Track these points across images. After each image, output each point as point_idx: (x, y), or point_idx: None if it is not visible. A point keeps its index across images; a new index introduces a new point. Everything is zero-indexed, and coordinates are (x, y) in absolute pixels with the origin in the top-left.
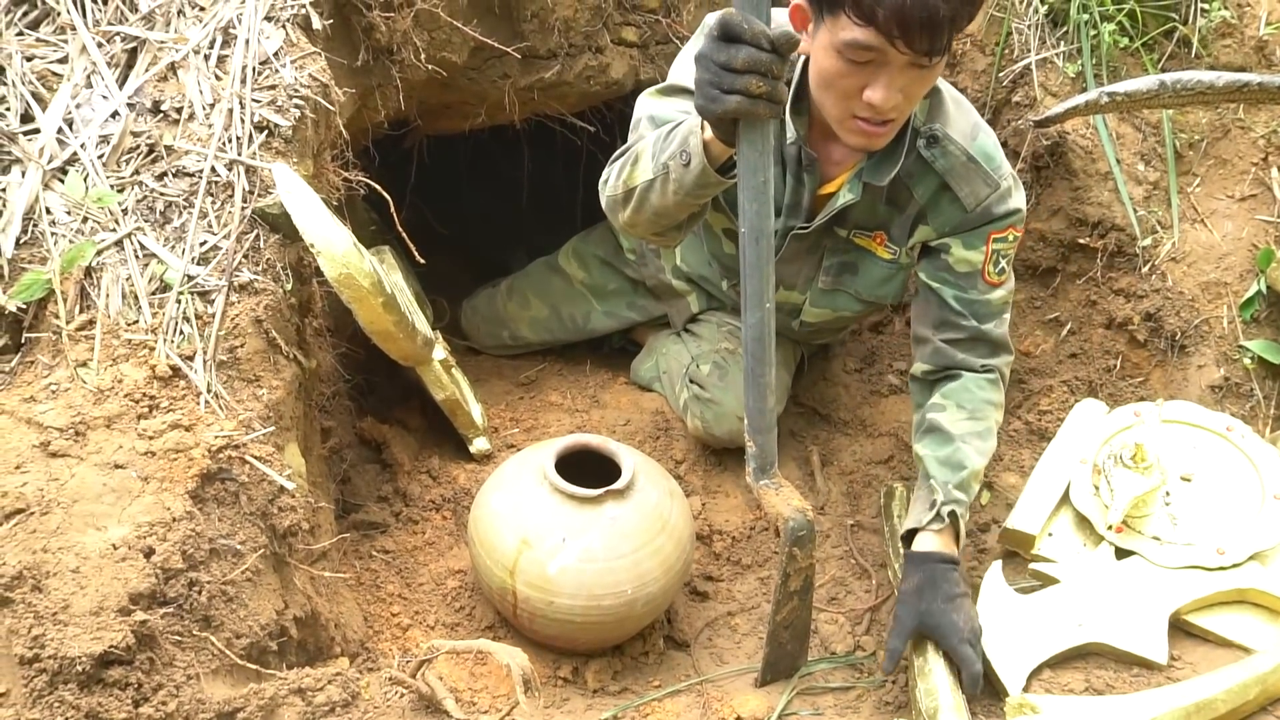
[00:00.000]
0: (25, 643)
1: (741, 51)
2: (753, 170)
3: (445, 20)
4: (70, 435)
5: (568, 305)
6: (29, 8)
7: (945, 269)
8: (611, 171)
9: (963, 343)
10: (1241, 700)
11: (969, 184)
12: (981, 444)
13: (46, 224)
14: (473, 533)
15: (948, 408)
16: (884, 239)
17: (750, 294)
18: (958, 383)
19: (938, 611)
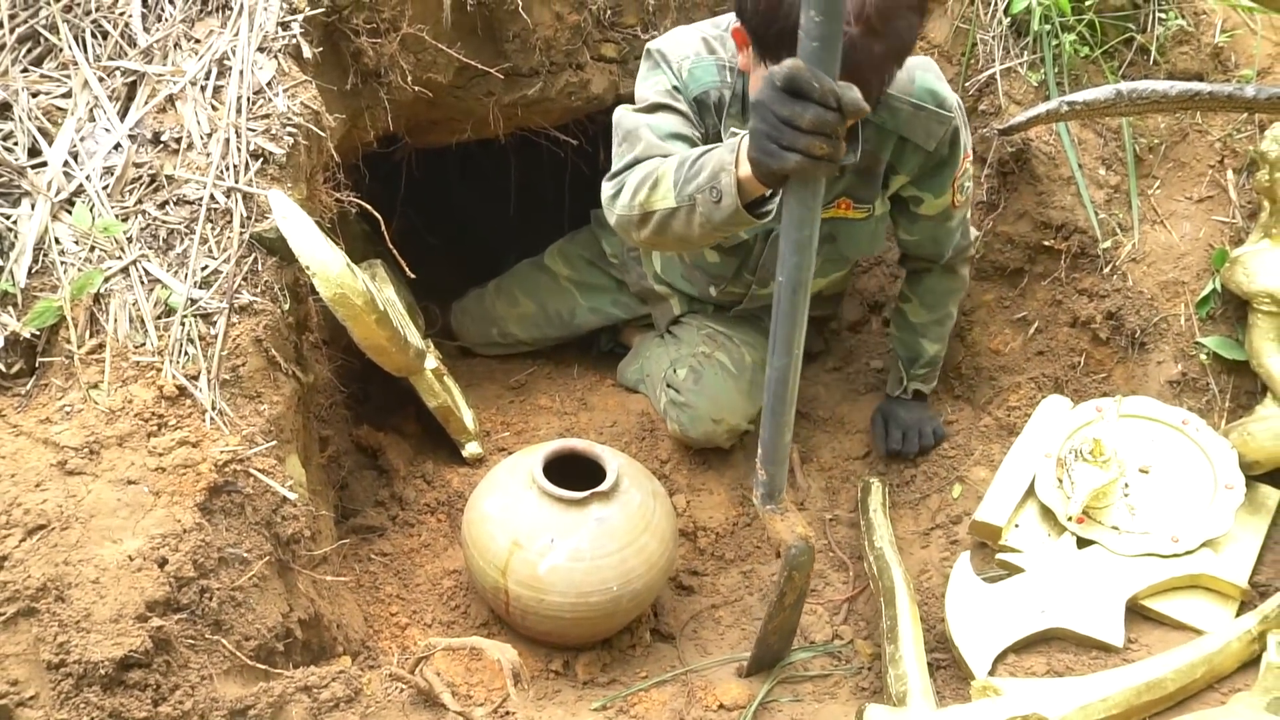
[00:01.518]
0: (51, 649)
1: (809, 111)
2: (799, 224)
3: (430, 43)
4: (85, 454)
5: (554, 301)
6: (33, 44)
7: (918, 219)
8: (623, 188)
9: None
10: (1189, 679)
11: (924, 128)
12: (938, 330)
13: (56, 254)
14: (466, 535)
15: (912, 301)
16: (849, 204)
17: (780, 340)
18: (924, 279)
19: (894, 406)
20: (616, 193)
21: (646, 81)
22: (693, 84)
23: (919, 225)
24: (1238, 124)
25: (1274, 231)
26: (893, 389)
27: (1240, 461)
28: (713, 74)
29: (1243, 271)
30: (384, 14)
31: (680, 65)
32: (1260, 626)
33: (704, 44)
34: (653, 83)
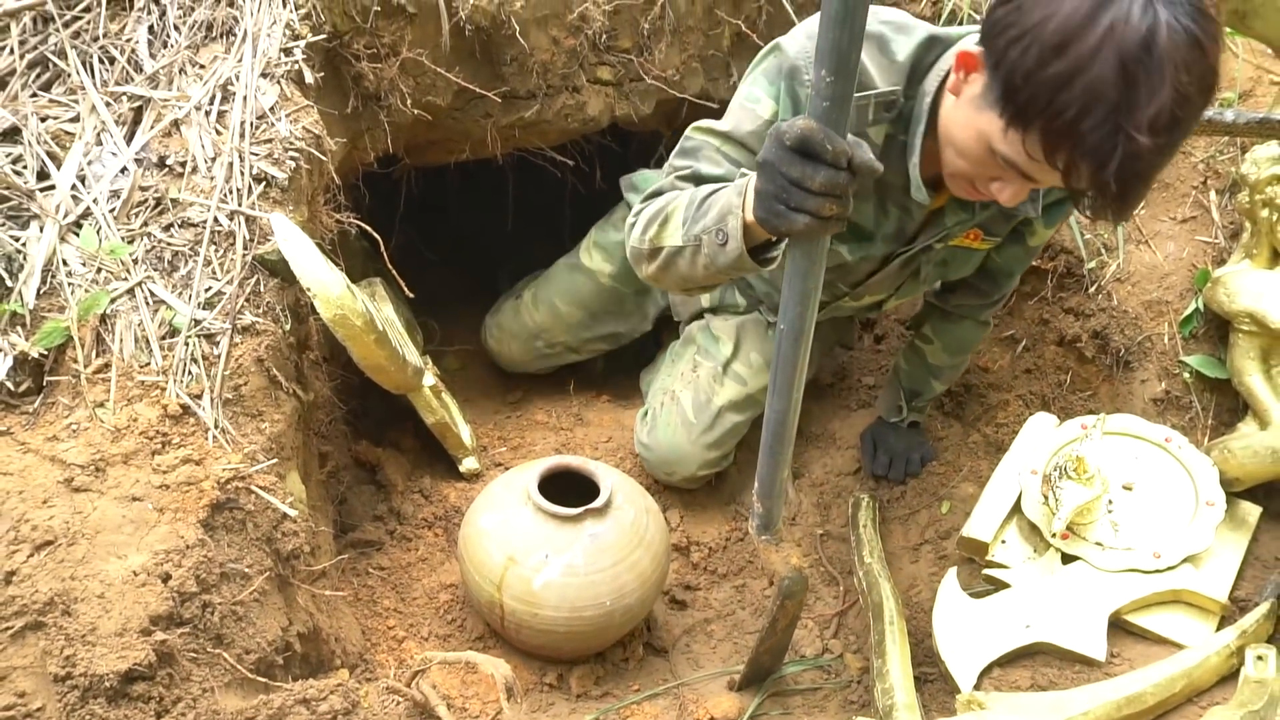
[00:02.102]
0: (58, 662)
1: (820, 173)
2: (802, 276)
3: (430, 67)
4: (91, 471)
5: (600, 305)
6: (42, 70)
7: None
8: (640, 219)
9: (980, 306)
10: (1169, 693)
11: None
12: (953, 373)
13: (64, 275)
14: (462, 550)
15: (934, 344)
16: (979, 234)
17: (780, 384)
18: (957, 327)
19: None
20: (635, 224)
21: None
22: None
23: (1013, 251)
24: (1220, 146)
25: (1255, 253)
26: (888, 414)
27: (1221, 478)
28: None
29: (1224, 292)
30: (384, 39)
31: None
32: (1238, 641)
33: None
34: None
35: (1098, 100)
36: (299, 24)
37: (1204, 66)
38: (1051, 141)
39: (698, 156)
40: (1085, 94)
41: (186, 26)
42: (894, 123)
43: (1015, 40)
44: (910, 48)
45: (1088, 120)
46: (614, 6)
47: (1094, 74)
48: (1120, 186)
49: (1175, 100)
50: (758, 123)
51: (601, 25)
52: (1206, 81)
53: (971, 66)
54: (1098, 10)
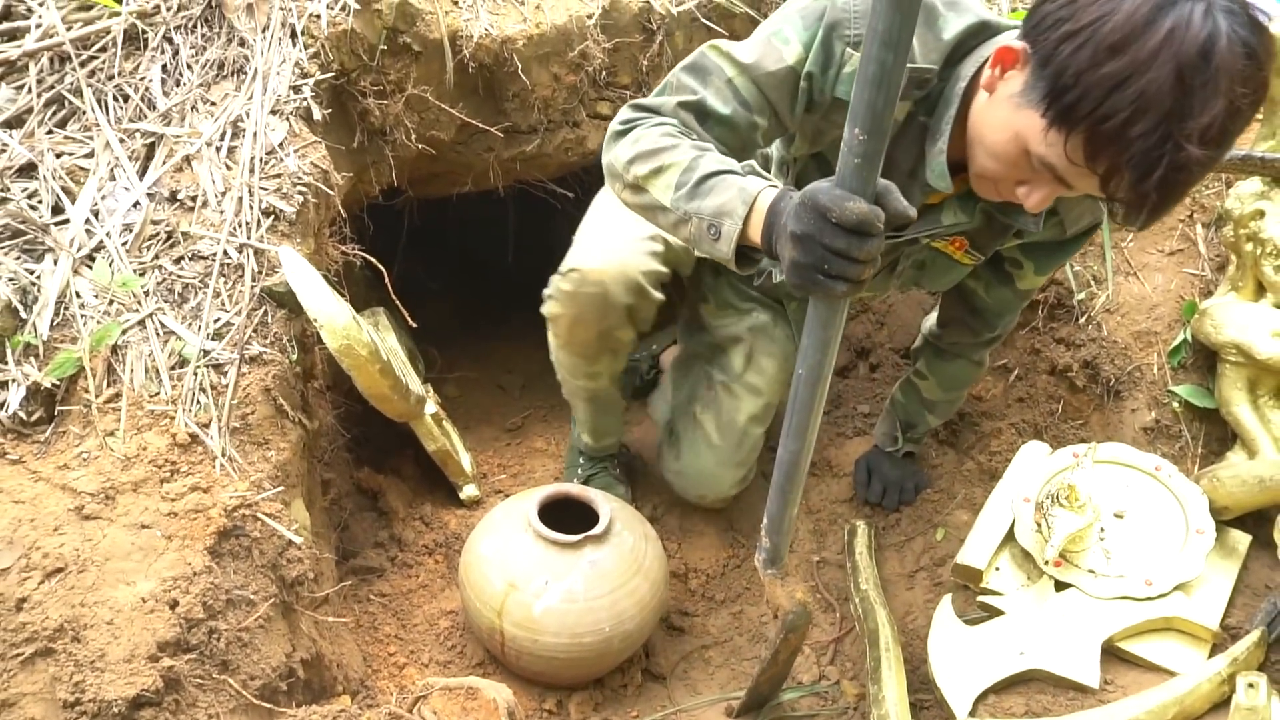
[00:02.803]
0: (67, 688)
1: (868, 243)
2: (824, 325)
3: (434, 103)
4: (101, 499)
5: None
6: (58, 108)
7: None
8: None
9: (973, 345)
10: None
11: (1078, 208)
12: (948, 408)
13: (77, 307)
14: (463, 577)
15: (929, 380)
16: (965, 245)
17: (795, 426)
18: (949, 365)
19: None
20: (627, 130)
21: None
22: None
23: (1000, 293)
24: (1206, 180)
25: (1240, 285)
26: (884, 444)
27: (1210, 507)
28: None
29: (1211, 323)
30: (390, 76)
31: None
32: (1230, 669)
33: None
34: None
35: (1151, 106)
36: (308, 63)
37: (1258, 80)
38: (1097, 145)
39: (707, 82)
40: (1139, 98)
41: (199, 65)
42: (919, 102)
43: (1069, 36)
44: (959, 28)
45: (1138, 125)
46: (614, 44)
47: (1150, 78)
48: (1160, 196)
49: (1228, 112)
50: (780, 65)
51: (601, 62)
52: (1258, 95)
53: (1011, 63)
54: (1158, 13)
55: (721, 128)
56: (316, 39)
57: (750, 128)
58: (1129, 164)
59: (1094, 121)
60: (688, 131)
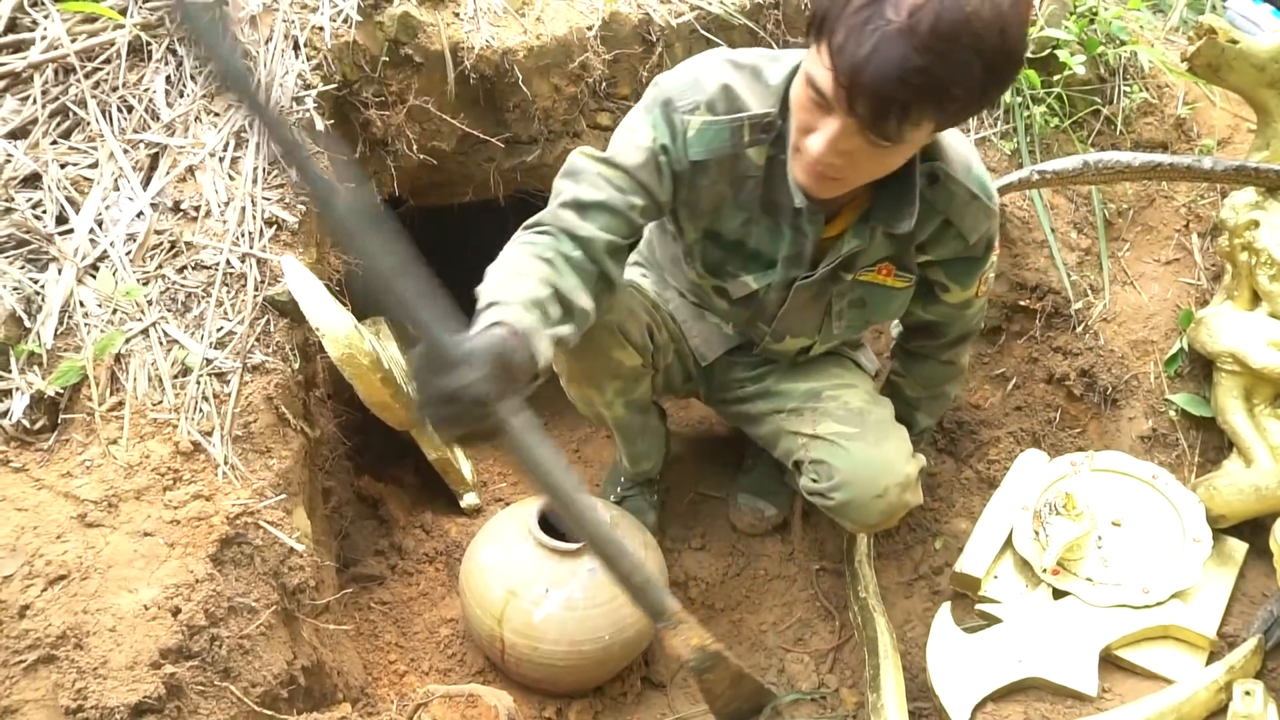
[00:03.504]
0: (70, 695)
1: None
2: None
3: (435, 114)
4: (104, 507)
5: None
6: (63, 118)
7: (939, 303)
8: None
9: (937, 348)
10: None
11: (972, 218)
12: (933, 404)
13: (80, 316)
14: (464, 584)
15: (907, 378)
16: (891, 270)
17: (576, 531)
18: (920, 366)
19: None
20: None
21: (635, 126)
22: (695, 146)
23: (938, 308)
24: (1202, 190)
25: (1236, 294)
26: None
27: (1207, 515)
28: (724, 138)
29: (1206, 332)
30: (392, 88)
31: (687, 122)
32: (1227, 677)
33: (724, 94)
34: (639, 133)
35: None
36: (310, 74)
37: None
38: (829, 29)
39: (579, 180)
40: None
41: (202, 76)
42: (774, 144)
43: None
44: (784, 73)
45: (849, 9)
46: (614, 55)
47: None
48: (875, 82)
49: (942, 2)
50: (637, 149)
51: (602, 73)
52: (990, 15)
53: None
54: None
55: (601, 214)
56: (319, 50)
57: (628, 208)
58: (846, 32)
59: (831, 14)
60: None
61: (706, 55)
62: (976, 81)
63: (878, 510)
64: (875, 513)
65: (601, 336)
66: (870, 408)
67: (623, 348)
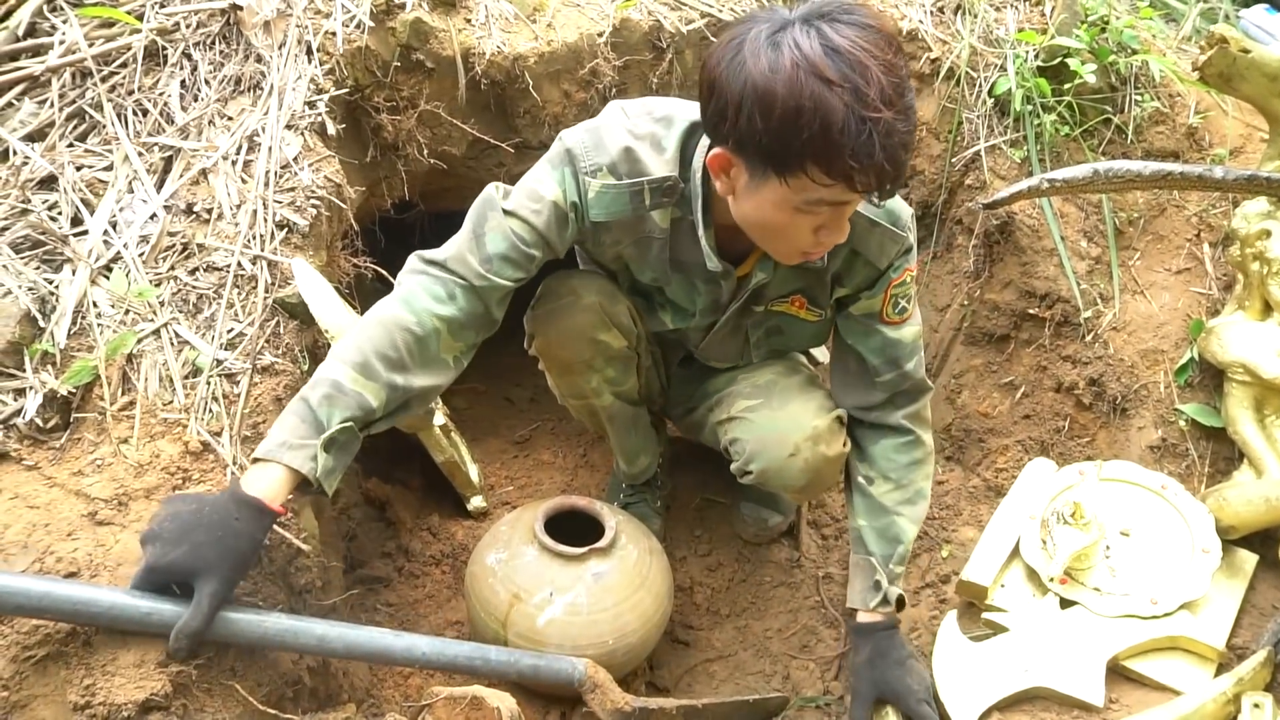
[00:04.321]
0: (78, 691)
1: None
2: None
3: (446, 119)
4: (114, 505)
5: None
6: (79, 121)
7: (850, 319)
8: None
9: (882, 406)
10: None
11: (877, 244)
12: (913, 510)
13: (93, 316)
14: (469, 587)
15: (875, 480)
16: (803, 303)
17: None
18: (878, 450)
19: (893, 678)
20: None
21: (541, 179)
22: (595, 208)
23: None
24: (1213, 200)
25: (1247, 304)
26: (865, 601)
27: (1216, 526)
28: (623, 203)
29: (1217, 342)
30: (403, 92)
31: (587, 184)
32: (1235, 689)
33: (625, 156)
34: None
35: (829, 110)
36: (323, 78)
37: (878, 36)
38: (825, 162)
39: (485, 228)
40: (815, 111)
41: (216, 81)
42: (679, 204)
43: (734, 120)
44: (676, 138)
45: (834, 129)
46: (624, 62)
47: (808, 95)
48: (891, 162)
49: (885, 71)
50: (540, 202)
51: (611, 80)
52: (893, 46)
53: (725, 165)
54: (774, 52)
55: (502, 263)
56: (332, 55)
57: (526, 259)
58: (853, 156)
59: (810, 152)
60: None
61: (608, 114)
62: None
63: (797, 470)
64: (796, 473)
65: (586, 319)
66: (778, 378)
67: (608, 329)
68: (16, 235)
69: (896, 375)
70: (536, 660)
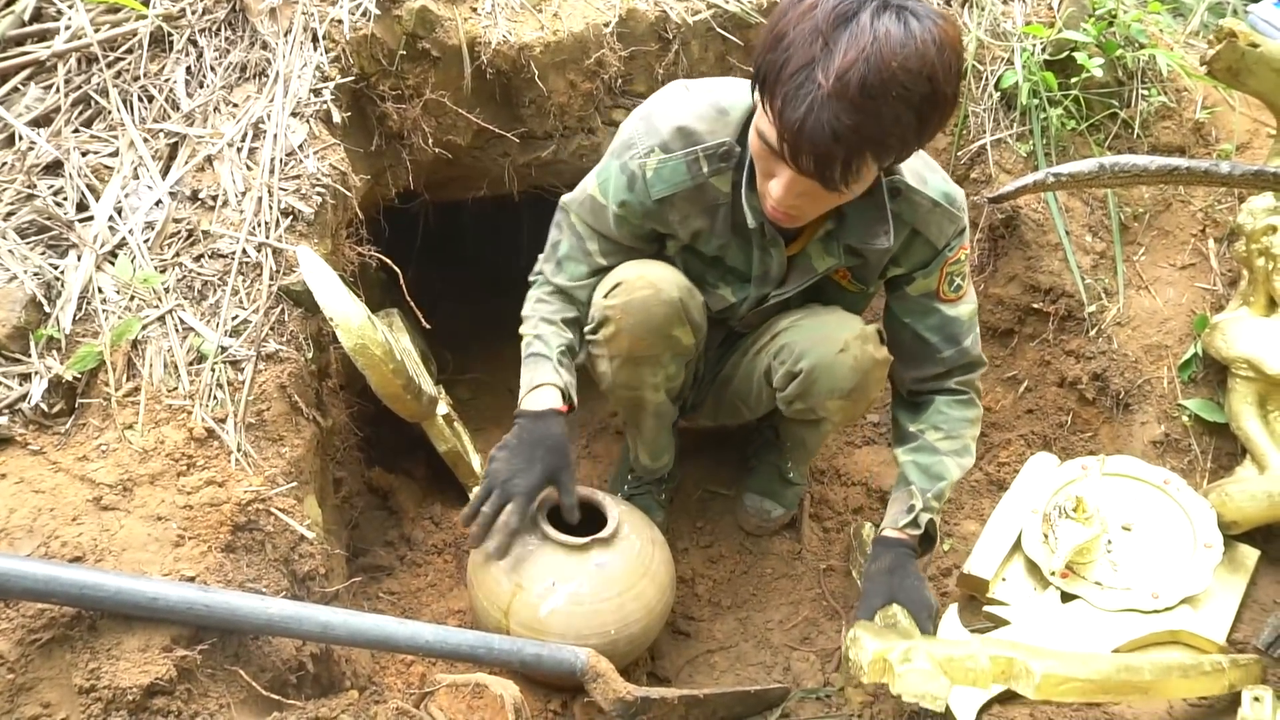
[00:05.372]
0: (83, 675)
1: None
2: None
3: (451, 108)
4: (119, 491)
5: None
6: (85, 108)
7: (906, 298)
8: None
9: (939, 376)
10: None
11: (936, 225)
12: (960, 459)
13: (99, 302)
14: (471, 576)
15: (926, 430)
16: (848, 276)
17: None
18: (932, 407)
19: (910, 587)
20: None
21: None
22: (656, 185)
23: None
24: (1219, 195)
25: (1252, 300)
26: (896, 521)
27: (1219, 521)
28: (681, 173)
29: (1222, 338)
30: (409, 81)
31: (644, 165)
32: (1231, 669)
33: (677, 134)
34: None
35: (795, 52)
36: (328, 66)
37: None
38: (772, 94)
39: (559, 229)
40: (788, 47)
41: (222, 68)
42: (737, 169)
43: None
44: (745, 102)
45: (789, 67)
46: (630, 52)
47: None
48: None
49: (878, 72)
50: (584, 195)
51: (617, 70)
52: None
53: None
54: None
55: (569, 262)
56: (337, 43)
57: (585, 253)
58: (784, 98)
59: (770, 79)
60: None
61: (666, 93)
62: (911, 128)
63: (847, 367)
64: (846, 371)
65: (665, 313)
66: (815, 306)
67: (683, 325)
68: (22, 220)
69: (955, 352)
70: (539, 649)
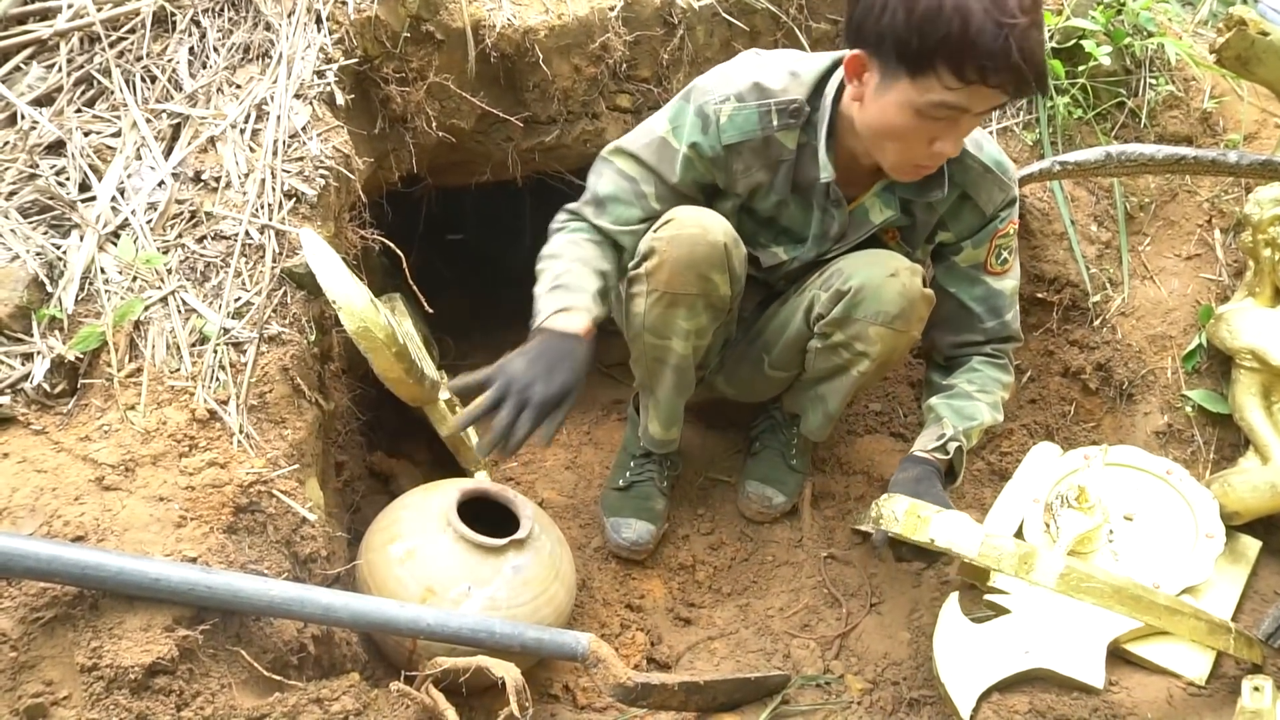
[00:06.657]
0: (85, 654)
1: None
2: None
3: (455, 91)
4: (121, 471)
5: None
6: (87, 87)
7: (954, 268)
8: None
9: (978, 344)
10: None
11: (987, 191)
12: (993, 410)
13: (101, 283)
14: (366, 578)
15: (961, 382)
16: (897, 237)
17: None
18: (969, 364)
19: (935, 494)
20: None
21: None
22: (729, 130)
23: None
24: (1225, 185)
25: (1258, 291)
26: (924, 444)
27: (1221, 512)
28: (753, 123)
29: (1227, 328)
30: (413, 64)
31: (719, 110)
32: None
33: (753, 88)
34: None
35: (969, 11)
36: (332, 48)
37: None
38: (956, 63)
39: (599, 174)
40: (956, 12)
41: (225, 48)
42: (804, 129)
43: (879, 16)
44: (819, 65)
45: (971, 29)
46: (634, 37)
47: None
48: (1030, 64)
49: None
50: (652, 137)
51: (622, 55)
52: None
53: (859, 68)
54: None
55: (615, 204)
56: (341, 25)
57: (638, 195)
58: (989, 58)
59: (942, 51)
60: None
61: (741, 57)
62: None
63: (895, 291)
64: (894, 294)
65: (709, 253)
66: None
67: (722, 271)
68: (24, 200)
69: (998, 324)
70: (540, 634)
